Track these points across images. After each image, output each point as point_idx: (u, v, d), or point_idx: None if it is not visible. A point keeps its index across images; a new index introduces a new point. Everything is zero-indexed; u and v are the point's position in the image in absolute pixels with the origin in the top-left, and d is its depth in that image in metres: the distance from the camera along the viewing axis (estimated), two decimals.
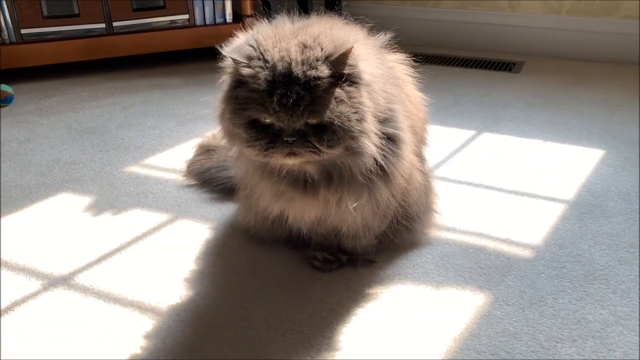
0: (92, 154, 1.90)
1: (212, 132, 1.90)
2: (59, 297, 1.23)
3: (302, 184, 1.12)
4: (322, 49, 1.01)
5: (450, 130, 2.05)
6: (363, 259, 1.32)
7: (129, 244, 1.41)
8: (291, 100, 0.97)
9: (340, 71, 1.01)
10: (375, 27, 1.22)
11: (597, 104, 2.25)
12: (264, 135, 1.02)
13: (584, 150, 1.87)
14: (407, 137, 1.17)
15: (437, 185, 1.64)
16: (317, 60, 1.00)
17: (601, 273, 1.28)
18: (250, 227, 1.36)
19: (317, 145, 1.01)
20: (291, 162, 1.05)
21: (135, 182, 1.71)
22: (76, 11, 2.59)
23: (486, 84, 2.51)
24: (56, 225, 1.50)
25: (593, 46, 2.78)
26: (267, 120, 1.01)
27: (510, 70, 2.71)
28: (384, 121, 1.10)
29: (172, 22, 2.73)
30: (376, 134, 1.07)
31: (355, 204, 1.12)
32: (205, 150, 1.72)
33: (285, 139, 1.00)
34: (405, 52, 1.31)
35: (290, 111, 0.98)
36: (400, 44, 1.28)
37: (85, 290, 1.25)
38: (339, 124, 1.00)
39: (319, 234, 1.29)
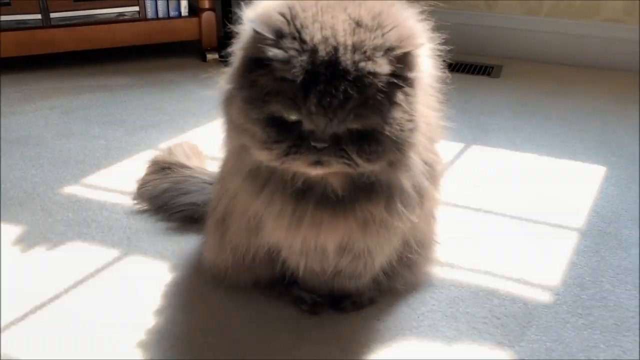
0: (24, 170, 1.60)
1: (167, 144, 1.64)
2: None
3: (330, 201, 0.87)
4: (383, 35, 0.77)
5: None
6: (367, 298, 1.11)
7: (65, 291, 1.14)
8: (335, 102, 0.74)
9: (403, 73, 0.79)
10: None
11: (586, 114, 2.10)
12: (286, 137, 0.78)
13: (583, 167, 1.70)
14: (440, 165, 0.98)
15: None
16: (375, 49, 0.76)
17: (633, 321, 1.10)
18: (222, 269, 1.10)
19: (354, 157, 0.78)
20: (315, 172, 0.82)
21: (75, 206, 1.43)
22: None
23: (467, 90, 2.33)
24: None
25: (573, 50, 2.65)
26: (294, 118, 0.77)
27: (489, 74, 2.54)
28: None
29: (120, 14, 2.42)
30: (422, 145, 0.87)
31: (414, 216, 0.90)
32: (160, 168, 1.44)
33: (313, 144, 0.77)
34: None
35: (331, 114, 0.75)
36: None
37: (5, 356, 0.98)
38: (389, 133, 0.78)
39: (314, 273, 1.04)
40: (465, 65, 2.63)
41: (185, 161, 1.46)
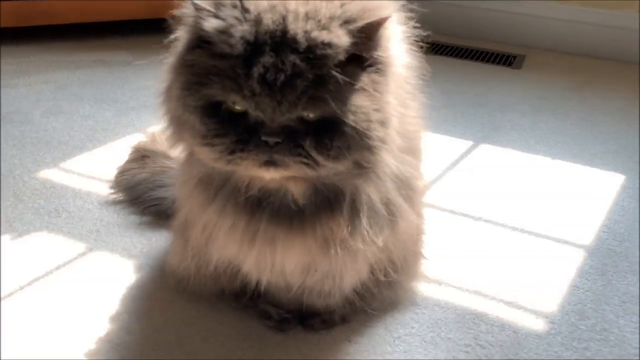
0: (4, 149, 1.53)
1: (154, 128, 1.56)
2: None
3: (287, 214, 0.77)
4: (342, 5, 0.66)
5: (442, 139, 1.73)
6: (339, 316, 1.01)
7: (21, 288, 1.07)
8: (282, 77, 0.63)
9: (365, 50, 0.67)
10: None
11: (611, 113, 1.94)
12: (230, 129, 0.67)
13: (600, 174, 1.56)
14: (419, 181, 0.86)
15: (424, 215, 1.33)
16: (331, 18, 0.65)
17: None
18: (185, 276, 1.02)
19: (314, 155, 0.67)
20: (269, 175, 0.71)
21: (48, 193, 1.35)
22: None
23: (483, 81, 2.19)
24: None
25: (605, 42, 2.46)
26: (239, 107, 0.67)
27: (509, 64, 2.38)
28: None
29: None
30: (397, 146, 0.74)
31: (382, 238, 0.79)
32: (140, 156, 1.36)
33: (264, 138, 0.66)
34: None
35: (279, 95, 0.64)
36: None
37: None
38: (353, 123, 0.66)
39: (279, 288, 0.96)
40: (485, 53, 2.47)
41: (168, 150, 1.37)
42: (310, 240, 0.77)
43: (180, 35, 0.75)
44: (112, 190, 1.36)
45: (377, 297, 1.00)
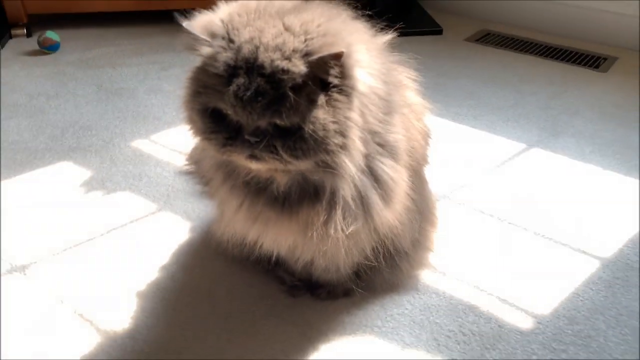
0: (110, 120, 1.85)
1: None
2: (13, 286, 1.20)
3: (280, 201, 0.97)
4: (305, 40, 0.84)
5: (495, 140, 1.79)
6: (342, 290, 1.18)
7: (101, 235, 1.35)
8: (248, 93, 0.82)
9: (324, 75, 0.85)
10: None
11: None
12: (222, 128, 0.88)
13: None
14: (399, 185, 0.99)
15: (452, 212, 1.44)
16: (294, 51, 0.83)
17: None
18: (221, 240, 1.24)
19: (281, 153, 0.86)
20: (255, 166, 0.91)
21: (136, 160, 1.64)
22: None
23: (561, 83, 2.18)
24: (40, 201, 1.46)
25: None
26: (229, 112, 0.87)
27: (596, 67, 2.33)
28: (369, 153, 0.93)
29: None
30: (361, 153, 0.90)
31: (352, 228, 0.96)
32: None
33: (246, 137, 0.86)
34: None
35: (249, 106, 0.83)
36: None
37: (38, 283, 1.21)
38: (310, 131, 0.84)
39: (290, 259, 1.15)
40: (571, 53, 2.43)
41: None
42: (294, 224, 0.95)
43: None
44: (186, 162, 1.61)
45: (377, 278, 1.16)
